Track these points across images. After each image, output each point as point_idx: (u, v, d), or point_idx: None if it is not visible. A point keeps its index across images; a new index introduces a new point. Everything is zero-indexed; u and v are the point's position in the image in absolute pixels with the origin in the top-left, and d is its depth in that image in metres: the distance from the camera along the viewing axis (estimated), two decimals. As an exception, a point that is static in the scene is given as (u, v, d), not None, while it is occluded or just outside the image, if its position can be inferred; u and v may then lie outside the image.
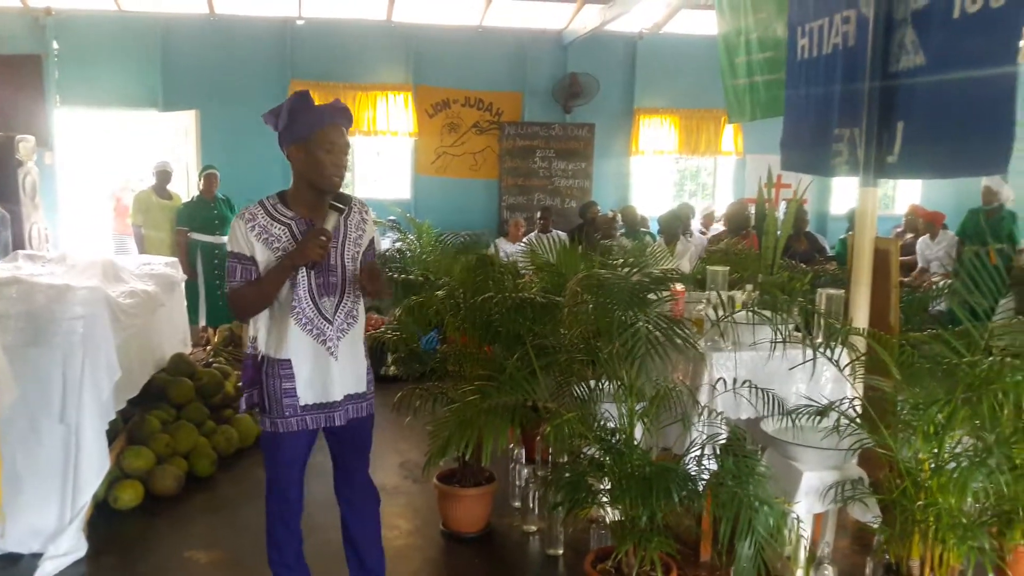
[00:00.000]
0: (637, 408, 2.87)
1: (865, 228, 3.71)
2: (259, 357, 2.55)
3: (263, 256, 2.46)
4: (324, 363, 2.53)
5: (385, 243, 8.09)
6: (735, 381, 3.08)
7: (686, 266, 6.75)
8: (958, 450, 2.61)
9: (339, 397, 2.58)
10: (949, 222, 7.95)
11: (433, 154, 10.04)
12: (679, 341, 2.74)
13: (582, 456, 3.00)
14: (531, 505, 3.69)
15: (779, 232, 4.29)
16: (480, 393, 3.30)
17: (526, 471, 3.86)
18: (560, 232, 7.81)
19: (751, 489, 2.54)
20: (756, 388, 3.01)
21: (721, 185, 11.31)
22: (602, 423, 2.95)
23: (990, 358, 2.47)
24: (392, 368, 5.72)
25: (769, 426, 3.10)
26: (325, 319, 2.51)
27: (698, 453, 2.86)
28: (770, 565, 2.86)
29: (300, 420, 2.55)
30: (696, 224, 9.23)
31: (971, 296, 2.91)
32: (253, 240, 2.45)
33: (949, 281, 5.62)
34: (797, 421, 2.96)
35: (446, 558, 3.58)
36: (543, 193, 10.20)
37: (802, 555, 2.94)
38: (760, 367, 3.23)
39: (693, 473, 2.81)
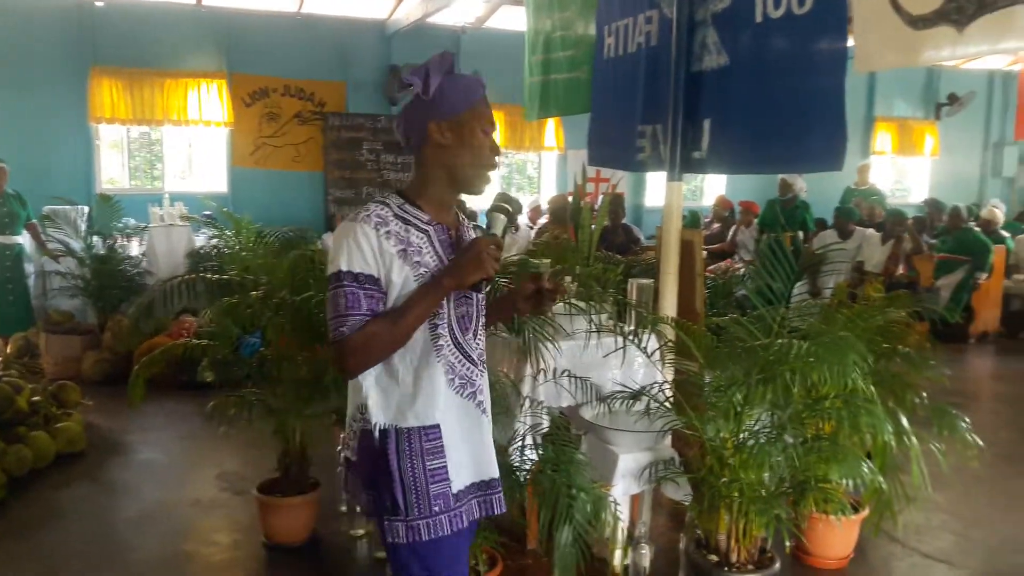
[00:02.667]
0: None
1: (672, 220, 3.88)
2: (380, 433, 1.75)
3: (400, 276, 1.72)
4: (476, 425, 1.86)
5: (199, 240, 7.65)
6: (555, 371, 3.14)
7: (514, 259, 6.87)
8: (757, 427, 2.80)
9: (497, 472, 1.92)
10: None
11: (252, 145, 9.58)
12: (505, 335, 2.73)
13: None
14: (357, 509, 3.59)
15: (594, 225, 4.42)
16: (300, 398, 3.19)
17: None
18: (388, 226, 7.70)
19: (569, 476, 2.59)
20: (575, 377, 3.09)
21: (546, 179, 11.58)
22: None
23: (780, 340, 2.64)
24: (208, 375, 5.40)
25: (587, 413, 3.18)
26: (471, 362, 1.84)
27: (521, 444, 2.90)
28: (591, 548, 2.95)
29: (455, 516, 1.79)
30: (523, 218, 9.40)
31: (768, 281, 3.12)
32: (390, 252, 1.71)
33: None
34: (612, 406, 3.07)
35: (270, 571, 3.43)
36: (371, 186, 9.99)
37: (620, 536, 3.05)
38: (578, 356, 3.31)
39: (517, 464, 2.85)
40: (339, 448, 2.88)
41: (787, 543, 2.88)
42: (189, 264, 7.13)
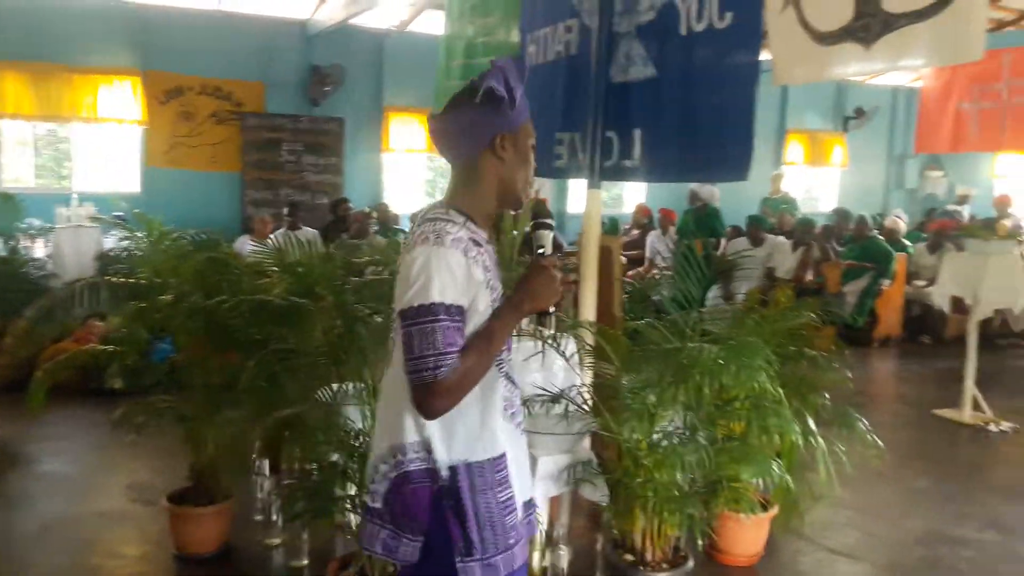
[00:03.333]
0: (375, 407, 2.83)
1: (591, 227, 3.94)
2: (450, 471, 1.63)
3: (484, 304, 1.63)
4: (521, 446, 1.79)
5: (109, 242, 7.36)
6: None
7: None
8: (671, 429, 2.87)
9: (533, 492, 1.87)
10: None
11: (166, 144, 9.29)
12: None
13: (326, 463, 2.92)
14: (274, 517, 3.52)
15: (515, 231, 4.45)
16: (212, 405, 3.10)
17: (268, 482, 3.67)
18: (310, 229, 7.59)
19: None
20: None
21: (471, 183, 11.60)
22: (346, 428, 2.88)
23: (692, 344, 2.72)
24: (116, 381, 5.21)
25: (508, 417, 3.20)
26: (512, 382, 1.77)
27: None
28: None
29: (523, 545, 1.72)
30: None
31: (683, 286, 3.21)
32: (478, 279, 1.61)
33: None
34: (532, 410, 3.09)
35: (180, 583, 3.33)
36: (291, 188, 9.82)
37: (539, 538, 3.07)
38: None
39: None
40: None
41: (699, 542, 2.96)
42: (98, 267, 6.85)
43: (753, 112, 2.99)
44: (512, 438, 1.74)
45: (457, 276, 1.57)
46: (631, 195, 12.38)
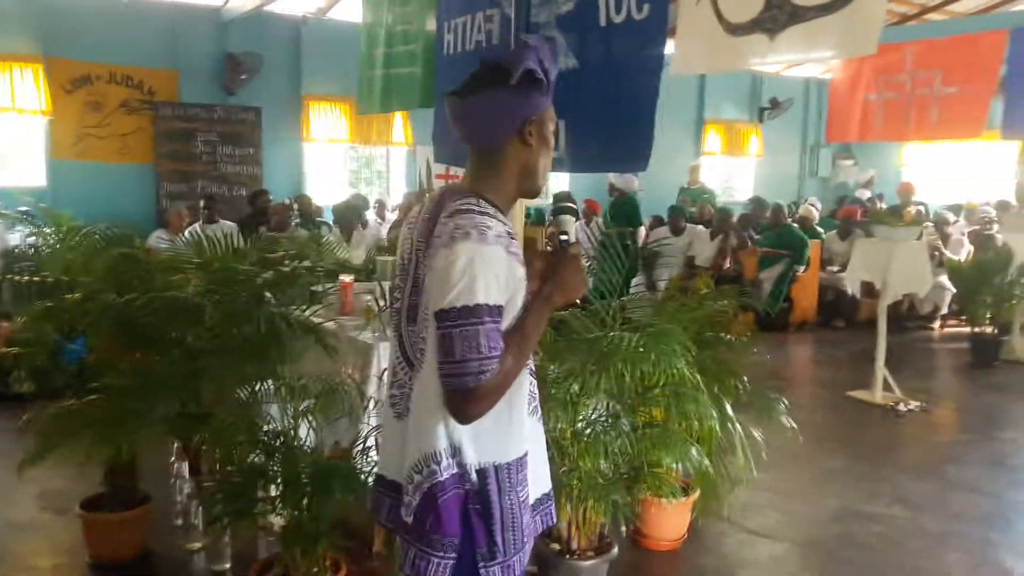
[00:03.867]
0: (302, 407, 2.79)
1: (515, 218, 3.97)
2: (479, 474, 1.58)
3: (521, 300, 1.56)
4: (541, 439, 1.77)
5: (14, 238, 7.02)
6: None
7: (361, 256, 6.77)
8: (595, 417, 2.91)
9: (550, 484, 1.84)
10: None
11: (73, 136, 8.87)
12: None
13: (247, 463, 2.85)
14: (194, 521, 3.43)
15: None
16: (126, 407, 2.99)
17: (188, 485, 3.57)
18: (228, 222, 7.39)
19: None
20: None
21: (395, 174, 11.49)
22: (267, 426, 2.82)
23: (613, 332, 2.76)
24: (24, 385, 4.97)
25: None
26: (532, 375, 1.72)
27: (368, 445, 2.86)
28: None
29: (531, 540, 1.69)
30: (371, 214, 9.28)
31: (604, 275, 3.25)
32: (519, 277, 1.55)
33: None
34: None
35: (95, 593, 3.21)
36: (208, 180, 9.52)
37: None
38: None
39: (363, 467, 2.81)
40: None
41: (624, 528, 3.01)
42: (2, 265, 6.52)
43: (655, 104, 3.05)
44: (535, 433, 1.71)
45: (500, 275, 1.49)
46: (556, 186, 12.47)
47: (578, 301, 1.65)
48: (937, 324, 8.85)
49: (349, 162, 11.56)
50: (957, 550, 3.64)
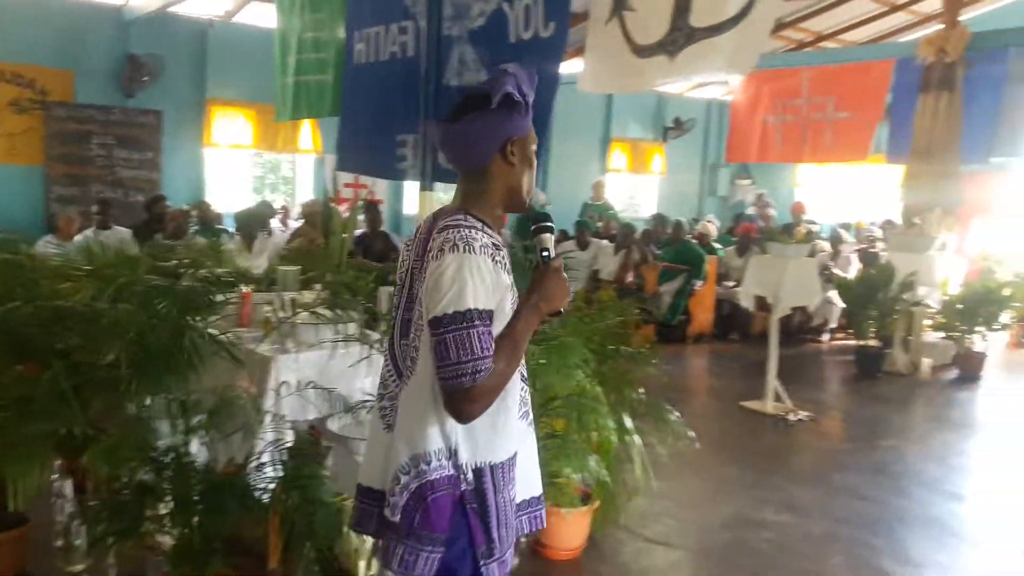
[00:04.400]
0: (193, 422, 2.70)
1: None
2: (475, 473, 1.68)
3: (510, 306, 1.68)
4: (532, 442, 1.86)
5: None
6: (299, 383, 3.07)
7: (264, 265, 6.61)
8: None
9: (541, 488, 1.92)
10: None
11: (-45, 135, 8.36)
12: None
13: (135, 480, 2.74)
14: (76, 542, 3.26)
15: (345, 232, 4.39)
16: (3, 421, 2.83)
17: (70, 504, 3.39)
18: (122, 229, 7.12)
19: (310, 491, 2.54)
20: (320, 388, 3.04)
21: (302, 182, 11.28)
22: (157, 442, 2.72)
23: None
24: None
25: (334, 424, 3.15)
26: (523, 380, 1.81)
27: (263, 461, 2.80)
28: (340, 561, 2.91)
29: (515, 537, 1.81)
30: (275, 223, 9.08)
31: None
32: (505, 283, 1.67)
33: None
34: (359, 416, 3.05)
35: (-35, 621, 3.01)
36: (102, 184, 9.10)
37: (368, 546, 3.04)
38: (326, 367, 3.26)
39: (258, 483, 2.74)
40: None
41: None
42: None
43: (551, 119, 3.13)
44: (525, 436, 1.81)
45: (487, 281, 1.61)
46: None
47: (561, 310, 1.77)
48: (826, 337, 9.30)
49: (254, 168, 11.28)
50: (840, 554, 3.83)
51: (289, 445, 2.90)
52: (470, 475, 1.69)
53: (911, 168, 7.28)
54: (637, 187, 14.79)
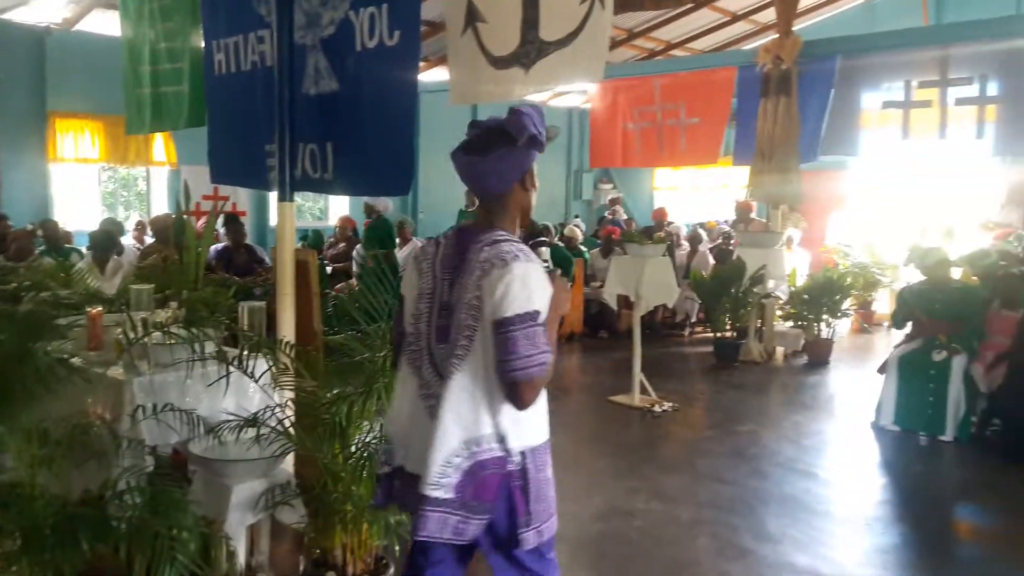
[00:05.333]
0: (41, 452, 2.55)
1: (285, 241, 3.87)
2: (521, 456, 2.01)
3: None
4: None
5: None
6: (155, 406, 2.94)
7: (115, 286, 6.26)
8: (369, 439, 2.91)
9: None
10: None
11: None
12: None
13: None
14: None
15: (200, 247, 4.25)
16: None
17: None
18: (-45, 251, 6.58)
19: (171, 517, 2.45)
20: (178, 410, 2.93)
21: (157, 196, 10.77)
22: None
23: (381, 353, 2.80)
24: None
25: (196, 447, 3.04)
26: None
27: (121, 489, 2.67)
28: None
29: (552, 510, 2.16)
30: (129, 239, 8.64)
31: (373, 297, 3.27)
32: (549, 289, 2.00)
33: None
34: (223, 437, 2.97)
35: None
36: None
37: (239, 569, 2.96)
38: (184, 388, 3.14)
39: (116, 512, 2.61)
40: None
41: (397, 549, 3.04)
42: None
43: (414, 128, 3.15)
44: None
45: (544, 286, 1.95)
46: (337, 207, 12.32)
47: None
48: (687, 332, 9.76)
49: (105, 183, 10.68)
50: (705, 536, 4.03)
51: (149, 471, 2.78)
52: (517, 457, 1.99)
53: (755, 168, 7.75)
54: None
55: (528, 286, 1.91)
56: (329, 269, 8.76)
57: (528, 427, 2.02)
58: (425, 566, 2.14)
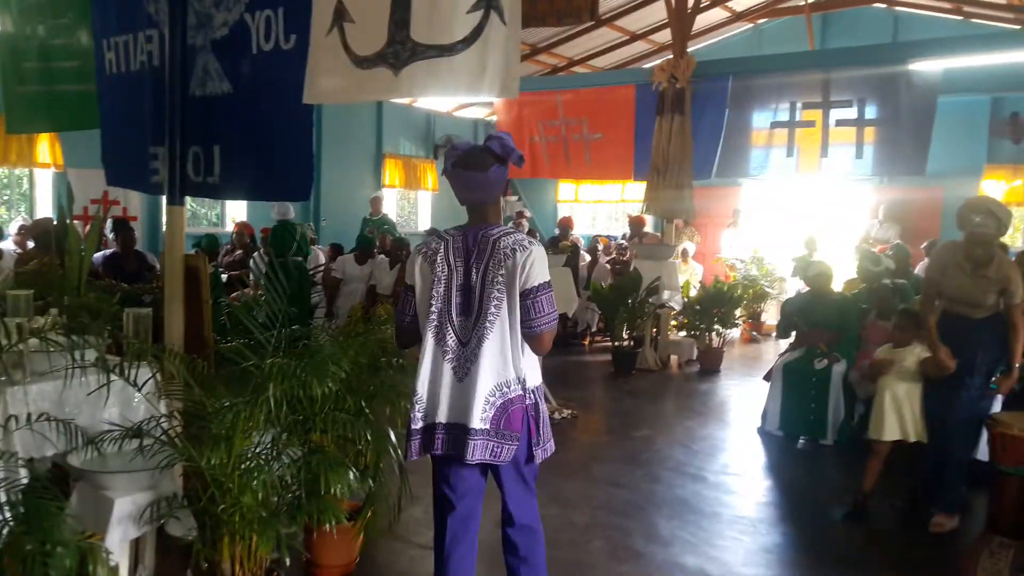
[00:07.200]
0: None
1: (174, 246, 3.76)
2: (535, 391, 2.72)
3: None
4: None
5: None
6: (29, 416, 2.80)
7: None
8: (259, 449, 2.86)
9: None
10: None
11: None
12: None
13: None
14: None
15: (84, 250, 4.07)
16: None
17: None
18: None
19: (45, 532, 2.34)
20: (56, 420, 2.80)
21: (41, 199, 10.23)
22: None
23: (270, 360, 2.75)
24: None
25: (76, 459, 2.91)
26: None
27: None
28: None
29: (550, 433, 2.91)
30: (10, 244, 8.16)
31: (273, 304, 3.22)
32: None
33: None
34: (104, 448, 2.85)
35: None
36: None
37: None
38: (63, 397, 3.01)
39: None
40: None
41: (287, 559, 2.99)
42: None
43: (310, 133, 3.13)
44: None
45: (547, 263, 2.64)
46: (236, 213, 11.99)
47: None
48: (587, 341, 9.95)
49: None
50: (600, 539, 4.13)
51: (23, 484, 2.64)
52: (531, 395, 2.67)
53: (651, 183, 8.01)
54: (412, 203, 14.97)
55: (543, 263, 2.60)
56: (225, 277, 8.51)
57: (534, 371, 2.70)
58: (455, 501, 2.78)
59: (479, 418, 2.56)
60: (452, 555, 2.79)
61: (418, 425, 2.67)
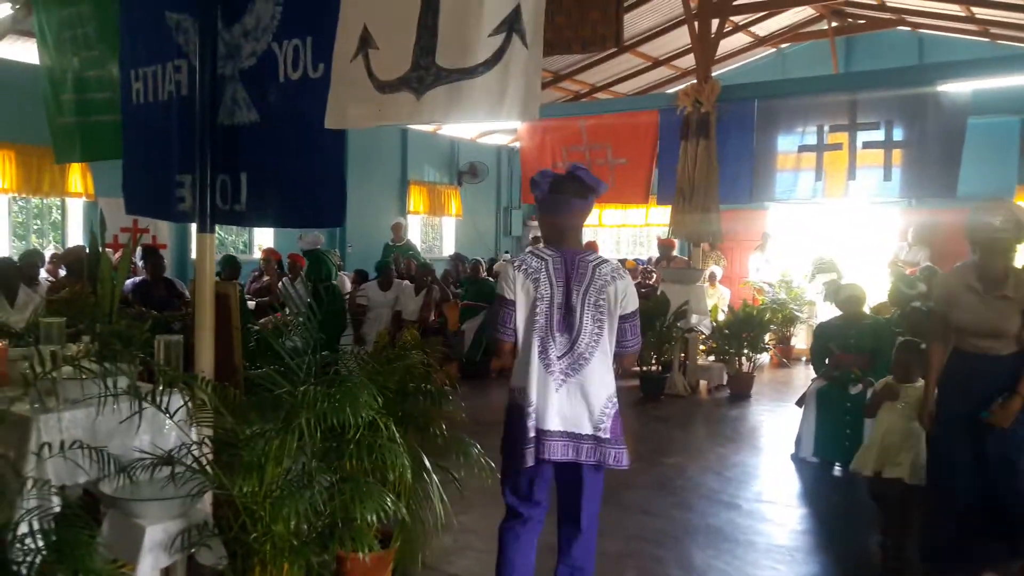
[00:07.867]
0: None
1: (205, 273, 3.77)
2: (616, 401, 3.00)
3: None
4: None
5: None
6: (63, 444, 2.80)
7: (25, 319, 5.98)
8: (290, 477, 2.84)
9: None
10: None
11: None
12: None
13: None
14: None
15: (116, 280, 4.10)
16: None
17: None
18: None
19: (77, 560, 2.33)
20: (88, 448, 2.80)
21: (73, 228, 10.39)
22: None
23: (302, 388, 2.73)
24: None
25: (107, 487, 2.90)
26: None
27: (24, 532, 2.52)
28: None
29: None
30: (42, 272, 8.27)
31: (304, 332, 3.21)
32: None
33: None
34: (136, 476, 2.85)
35: None
36: None
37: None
38: (95, 425, 3.01)
39: (18, 556, 2.46)
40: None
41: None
42: None
43: (343, 161, 3.13)
44: None
45: None
46: (263, 240, 12.10)
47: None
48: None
49: (14, 214, 10.25)
50: (633, 569, 4.04)
51: (55, 512, 2.64)
52: (616, 401, 2.92)
53: (676, 208, 7.97)
54: (436, 229, 15.05)
55: (634, 292, 2.94)
56: (252, 304, 8.56)
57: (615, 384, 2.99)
58: (529, 509, 3.13)
59: (598, 427, 2.87)
60: (516, 563, 3.13)
61: (532, 433, 2.88)
